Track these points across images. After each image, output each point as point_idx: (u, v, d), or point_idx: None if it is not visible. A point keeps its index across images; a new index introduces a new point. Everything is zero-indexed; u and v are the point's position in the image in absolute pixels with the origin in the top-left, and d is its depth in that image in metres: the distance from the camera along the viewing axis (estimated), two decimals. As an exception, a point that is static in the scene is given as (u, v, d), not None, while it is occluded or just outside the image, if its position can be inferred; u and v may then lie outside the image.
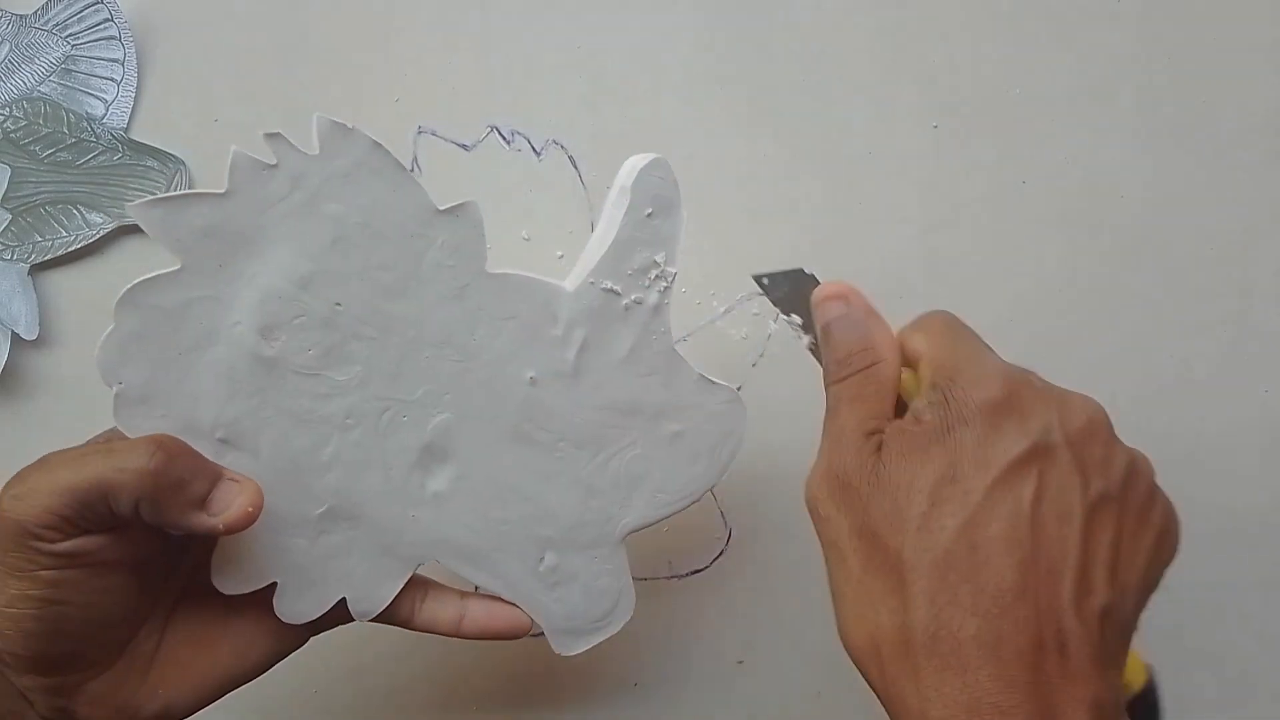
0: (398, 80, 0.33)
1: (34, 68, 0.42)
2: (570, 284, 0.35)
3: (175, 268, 0.30)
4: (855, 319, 0.32)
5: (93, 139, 0.41)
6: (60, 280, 0.42)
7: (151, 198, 0.29)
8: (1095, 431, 0.28)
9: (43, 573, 0.27)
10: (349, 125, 0.31)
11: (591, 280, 0.35)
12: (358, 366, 0.33)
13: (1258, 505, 0.46)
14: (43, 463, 0.28)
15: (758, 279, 0.35)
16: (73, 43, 0.41)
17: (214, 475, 0.30)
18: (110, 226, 0.42)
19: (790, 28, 0.43)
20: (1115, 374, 0.44)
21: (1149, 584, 0.28)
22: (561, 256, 0.42)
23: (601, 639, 0.38)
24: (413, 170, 0.40)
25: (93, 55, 0.42)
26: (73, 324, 0.42)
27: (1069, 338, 0.45)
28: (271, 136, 0.30)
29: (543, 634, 0.37)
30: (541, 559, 0.37)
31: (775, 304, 0.35)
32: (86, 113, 0.42)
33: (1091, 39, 0.44)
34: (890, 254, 0.39)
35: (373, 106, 0.42)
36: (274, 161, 0.30)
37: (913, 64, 0.44)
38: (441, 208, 0.33)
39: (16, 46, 0.42)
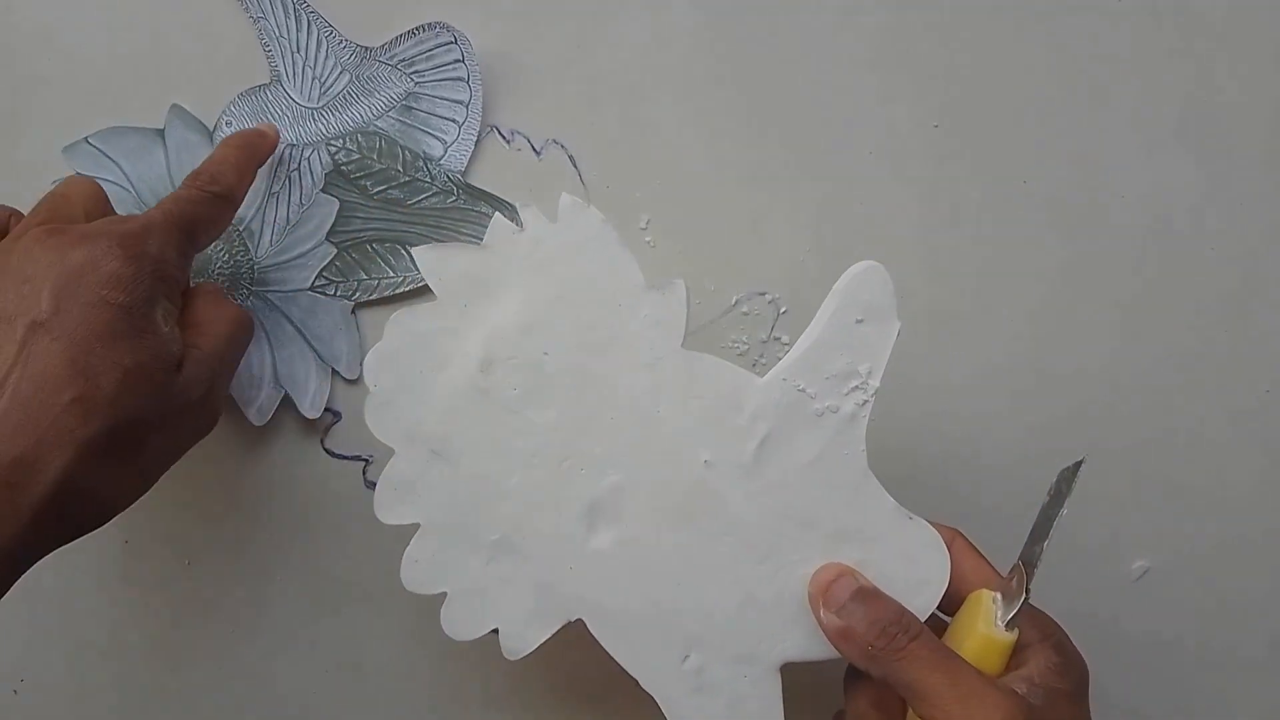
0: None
1: (373, 101, 0.41)
2: (764, 378, 0.35)
3: (433, 301, 0.37)
4: (872, 593, 0.34)
5: (427, 179, 0.41)
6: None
7: (434, 243, 0.37)
8: None
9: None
10: (587, 204, 0.36)
11: (784, 377, 0.35)
12: (551, 412, 0.36)
13: (1260, 505, 0.44)
14: None
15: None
16: (416, 80, 0.41)
17: None
18: None
19: (791, 27, 0.43)
20: (1115, 374, 0.44)
21: None
22: None
23: (739, 773, 0.35)
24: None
25: (436, 95, 0.41)
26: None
27: (1069, 337, 0.44)
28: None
29: None
30: (686, 656, 0.35)
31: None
32: (424, 152, 0.41)
33: (1091, 39, 0.44)
34: (890, 254, 0.35)
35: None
36: (523, 227, 0.37)
37: (913, 64, 0.44)
38: (649, 285, 0.36)
39: (357, 78, 0.41)
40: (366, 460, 0.43)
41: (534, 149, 0.43)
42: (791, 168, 0.44)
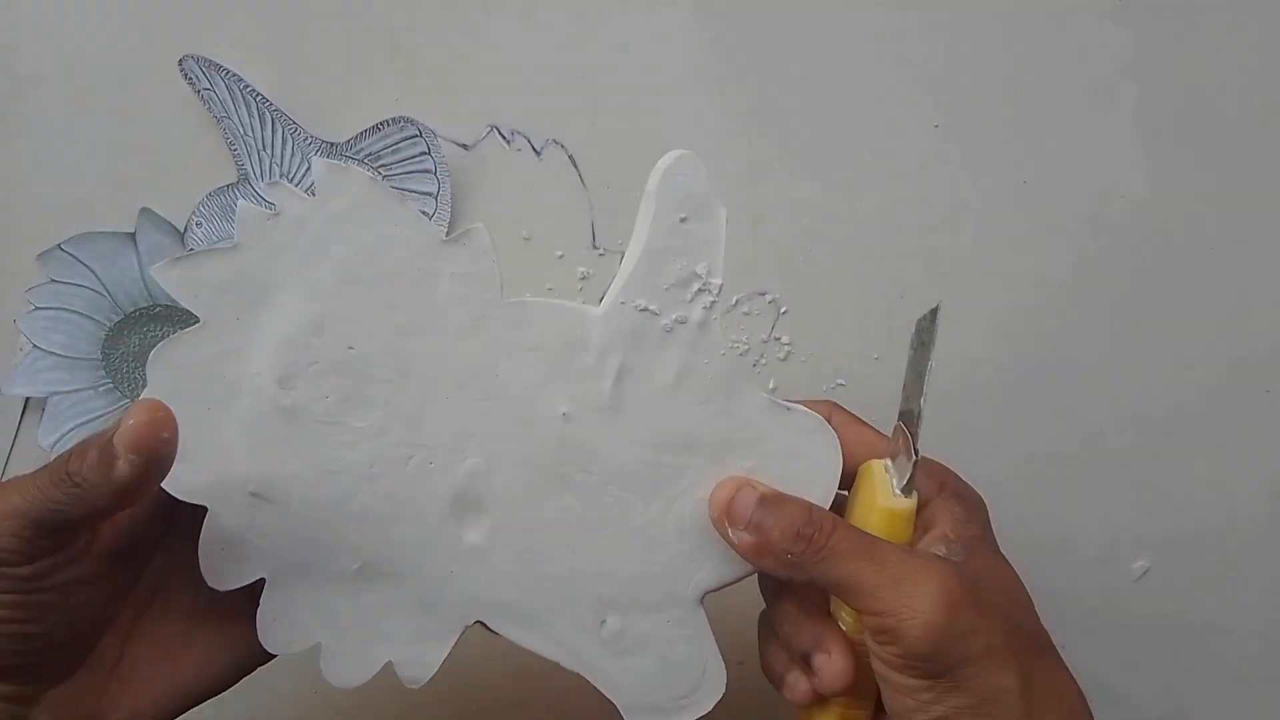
0: (398, 80, 0.35)
1: None
2: (600, 307, 0.32)
3: (197, 325, 0.31)
4: (775, 499, 0.31)
5: None
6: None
7: (170, 259, 0.31)
8: None
9: (5, 596, 0.28)
10: (343, 164, 0.31)
11: (622, 300, 0.31)
12: (378, 411, 0.31)
13: (1260, 505, 0.44)
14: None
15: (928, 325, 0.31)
16: (384, 174, 0.41)
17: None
18: None
19: (791, 28, 0.43)
20: (1115, 374, 0.44)
21: None
22: (562, 256, 0.41)
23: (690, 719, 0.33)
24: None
25: (404, 188, 0.41)
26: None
27: (1069, 338, 0.44)
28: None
29: None
30: (603, 622, 0.32)
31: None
32: None
33: (1091, 39, 0.44)
34: (890, 254, 0.38)
35: (372, 106, 0.42)
36: (277, 210, 0.31)
37: (913, 64, 0.43)
38: (445, 237, 0.31)
39: None
40: None
41: (534, 149, 0.42)
42: (791, 167, 0.43)
